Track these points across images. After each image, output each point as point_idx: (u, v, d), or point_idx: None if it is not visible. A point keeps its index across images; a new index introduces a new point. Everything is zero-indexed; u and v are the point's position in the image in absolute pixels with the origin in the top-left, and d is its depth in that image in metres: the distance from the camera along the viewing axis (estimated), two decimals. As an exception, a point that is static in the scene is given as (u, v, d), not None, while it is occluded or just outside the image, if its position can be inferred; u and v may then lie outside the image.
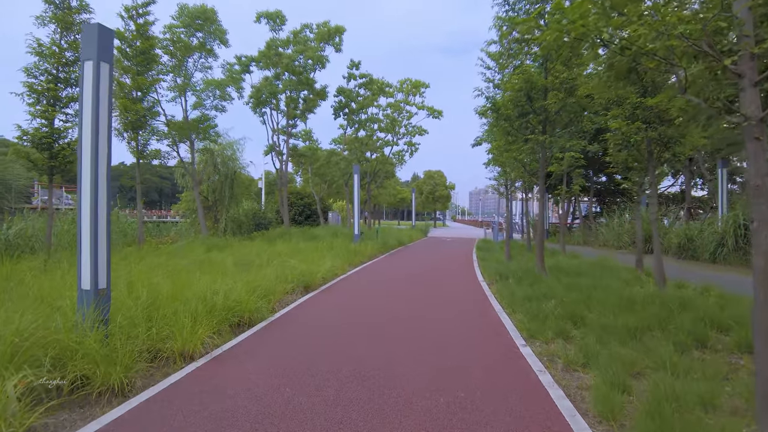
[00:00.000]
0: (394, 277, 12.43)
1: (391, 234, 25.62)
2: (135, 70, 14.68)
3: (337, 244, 17.50)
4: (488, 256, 16.75)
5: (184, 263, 11.17)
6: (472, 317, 7.62)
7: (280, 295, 8.86)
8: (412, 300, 9.06)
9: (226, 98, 18.48)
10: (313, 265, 11.72)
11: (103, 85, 5.26)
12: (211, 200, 23.74)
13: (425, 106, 25.48)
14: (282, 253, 14.11)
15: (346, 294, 9.80)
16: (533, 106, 10.47)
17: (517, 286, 9.52)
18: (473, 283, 11.49)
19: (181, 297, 6.58)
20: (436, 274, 13.28)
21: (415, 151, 27.34)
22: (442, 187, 63.59)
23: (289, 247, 16.23)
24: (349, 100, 24.70)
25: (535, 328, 6.41)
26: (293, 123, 23.85)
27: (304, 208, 30.20)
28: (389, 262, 16.75)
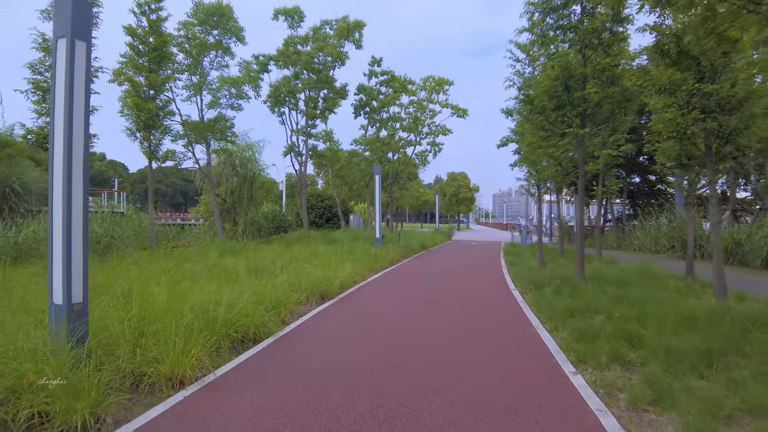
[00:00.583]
0: (416, 285, 11.53)
1: (413, 237, 24.71)
2: (147, 68, 14.14)
3: (357, 248, 16.70)
4: (518, 261, 15.70)
5: (193, 269, 10.51)
6: (507, 335, 6.66)
7: (293, 306, 8.05)
8: (436, 312, 8.15)
9: (243, 97, 17.88)
10: (330, 271, 10.91)
11: (79, 67, 4.53)
12: (229, 203, 23.20)
13: (449, 104, 24.51)
14: (299, 258, 13.39)
15: (365, 304, 8.94)
16: (571, 98, 9.45)
17: (556, 297, 8.51)
18: (505, 292, 10.51)
19: (177, 309, 5.81)
20: (463, 281, 12.33)
21: (438, 151, 26.43)
22: (466, 189, 62.26)
23: (307, 251, 15.47)
24: (369, 98, 23.89)
25: (585, 351, 5.43)
26: (313, 123, 23.19)
27: (325, 211, 29.50)
28: (412, 267, 15.84)
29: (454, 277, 12.98)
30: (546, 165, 13.34)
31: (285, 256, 13.83)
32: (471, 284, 11.72)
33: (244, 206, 22.93)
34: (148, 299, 6.28)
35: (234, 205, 23.33)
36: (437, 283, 11.77)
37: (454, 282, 12.10)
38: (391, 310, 8.30)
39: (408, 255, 19.42)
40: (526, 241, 24.15)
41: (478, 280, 12.44)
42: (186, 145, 17.10)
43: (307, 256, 13.98)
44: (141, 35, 14.04)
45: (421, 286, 11.35)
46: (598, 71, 9.16)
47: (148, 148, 14.11)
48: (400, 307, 8.58)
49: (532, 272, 12.27)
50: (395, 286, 11.28)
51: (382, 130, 24.87)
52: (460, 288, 11.07)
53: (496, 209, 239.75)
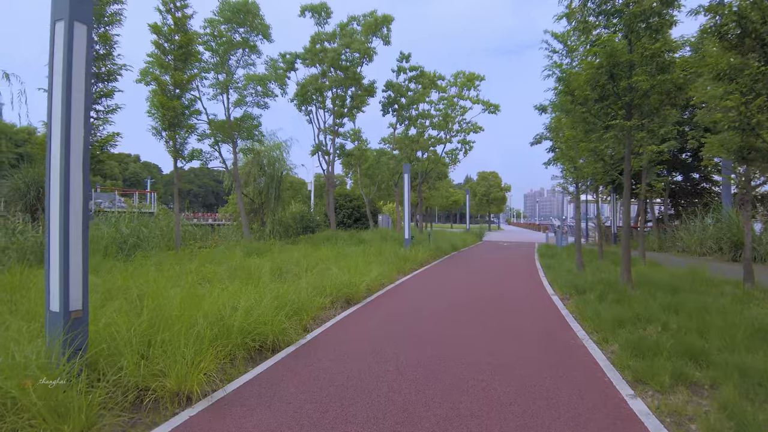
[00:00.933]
0: (447, 289, 10.92)
1: (443, 238, 24.05)
2: (173, 66, 13.96)
3: (385, 250, 16.18)
4: (555, 264, 14.88)
5: (215, 270, 10.17)
6: (551, 349, 6.00)
7: (316, 311, 7.58)
8: (470, 320, 7.54)
9: (269, 94, 17.59)
10: (356, 273, 10.41)
11: (79, 52, 4.14)
12: (257, 203, 23.05)
13: (480, 100, 23.68)
14: (325, 260, 12.97)
15: (392, 310, 8.39)
16: (616, 87, 8.69)
17: (601, 304, 7.78)
18: (543, 297, 9.79)
19: (190, 316, 5.40)
20: (497, 285, 11.65)
21: (469, 149, 25.58)
22: (497, 188, 60.98)
23: (334, 252, 15.05)
24: (398, 95, 23.27)
25: (642, 369, 4.75)
26: (340, 122, 22.78)
27: (353, 211, 29.12)
28: (442, 269, 15.23)
29: (487, 281, 12.31)
30: (585, 162, 12.53)
31: (311, 257, 13.44)
32: (506, 288, 11.03)
33: (271, 206, 22.75)
34: (162, 304, 5.91)
35: (261, 205, 23.18)
36: (469, 287, 11.13)
37: (488, 286, 11.44)
38: (420, 317, 7.73)
39: (438, 257, 18.80)
40: (561, 243, 23.16)
41: (513, 284, 11.74)
42: (212, 145, 16.93)
43: (333, 258, 13.55)
44: (166, 33, 13.86)
45: (452, 290, 10.74)
46: (646, 58, 8.38)
47: (173, 147, 13.92)
48: (430, 314, 8.01)
49: (571, 276, 11.49)
50: (424, 291, 10.69)
51: (411, 128, 24.25)
52: (495, 292, 10.42)
53: (528, 209, 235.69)
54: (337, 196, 30.11)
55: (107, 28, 11.20)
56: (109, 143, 11.24)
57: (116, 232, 14.36)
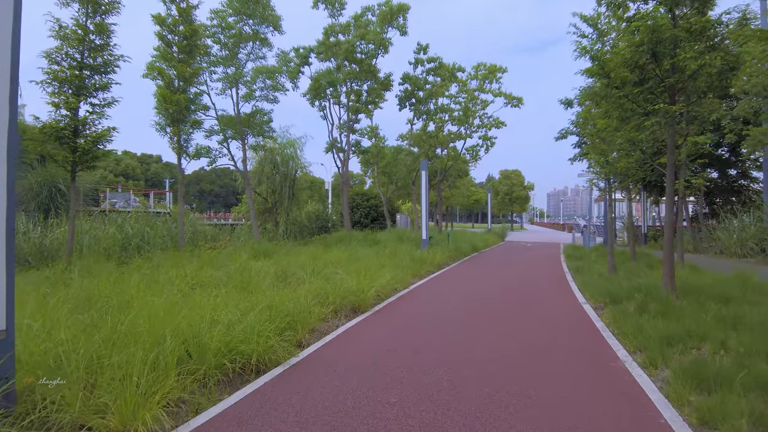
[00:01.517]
0: (466, 296, 9.96)
1: (464, 238, 23.01)
2: (177, 58, 13.30)
3: (401, 251, 15.28)
4: (584, 267, 13.74)
5: (214, 274, 9.41)
6: (587, 375, 5.02)
7: (315, 322, 6.72)
8: (489, 335, 6.59)
9: (279, 88, 16.83)
10: (366, 278, 9.54)
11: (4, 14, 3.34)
12: (270, 202, 22.37)
13: (502, 93, 22.49)
14: (336, 262, 12.14)
15: (402, 322, 7.48)
16: (659, 67, 7.62)
17: (643, 317, 6.73)
18: (574, 307, 8.74)
19: (157, 332, 4.60)
20: (522, 290, 10.63)
21: (491, 146, 24.40)
22: (520, 187, 59.36)
23: (346, 254, 14.20)
24: (415, 88, 22.26)
25: (709, 407, 3.74)
26: (356, 117, 21.91)
27: (370, 210, 28.27)
28: (462, 272, 14.24)
29: (510, 285, 11.30)
30: (618, 155, 11.41)
31: (321, 259, 12.63)
32: (532, 295, 10.01)
33: (285, 206, 22.04)
34: (137, 315, 5.14)
35: (275, 204, 22.50)
36: (491, 293, 10.14)
37: (511, 291, 10.43)
38: (431, 332, 6.79)
39: (457, 258, 17.80)
40: (589, 243, 21.89)
41: (539, 291, 10.71)
42: (221, 142, 16.27)
43: (344, 260, 12.72)
44: (170, 24, 13.21)
45: (472, 297, 9.77)
46: (694, 33, 7.30)
47: (177, 143, 13.26)
48: (443, 328, 7.06)
49: (603, 281, 10.40)
50: (440, 298, 9.74)
51: (430, 124, 23.19)
52: (519, 300, 9.42)
53: (551, 209, 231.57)
54: (354, 195, 29.33)
55: (103, 17, 10.53)
56: (105, 138, 10.58)
57: (118, 232, 13.78)
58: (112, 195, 27.89)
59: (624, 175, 11.98)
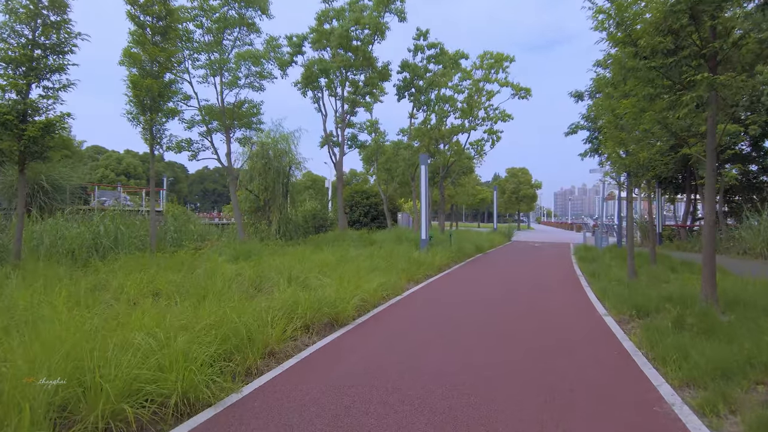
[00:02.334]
0: (466, 305, 8.64)
1: (467, 238, 21.65)
2: (150, 40, 12.08)
3: (398, 252, 13.99)
4: (599, 270, 12.35)
5: (175, 280, 8.18)
6: (627, 424, 3.70)
7: (275, 344, 5.43)
8: (493, 361, 5.28)
9: (266, 76, 15.55)
10: (351, 284, 8.28)
11: None
12: (262, 200, 21.13)
13: (509, 83, 21.02)
14: (323, 265, 10.93)
15: (384, 339, 6.18)
16: (700, 32, 6.28)
17: (683, 336, 5.41)
18: (593, 320, 7.39)
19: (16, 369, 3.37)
20: (531, 299, 9.30)
21: (497, 140, 22.90)
22: (527, 185, 57.77)
23: (337, 255, 12.95)
24: (415, 76, 20.81)
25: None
26: (351, 110, 20.57)
27: (370, 209, 26.99)
28: (463, 276, 12.93)
29: (517, 294, 9.97)
30: (640, 145, 10.05)
31: (307, 261, 11.40)
32: (543, 306, 8.68)
33: (278, 203, 20.78)
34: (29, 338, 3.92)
35: (268, 202, 21.27)
36: (494, 303, 8.82)
37: (518, 301, 9.11)
38: (420, 355, 5.48)
39: (460, 260, 16.48)
40: (602, 244, 20.48)
41: (551, 299, 9.37)
42: (204, 134, 15.04)
43: (333, 263, 11.47)
44: (143, 4, 11.99)
45: (472, 308, 8.45)
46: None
47: (149, 134, 12.04)
48: (437, 349, 5.75)
49: (625, 288, 9.04)
50: (435, 307, 8.43)
51: (432, 117, 21.73)
52: (528, 311, 8.09)
53: (558, 208, 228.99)
54: (353, 193, 28.10)
55: (61, -8, 9.34)
56: (59, 125, 9.36)
57: (87, 232, 12.59)
58: (101, 193, 26.82)
59: (646, 167, 10.61)
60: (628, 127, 9.87)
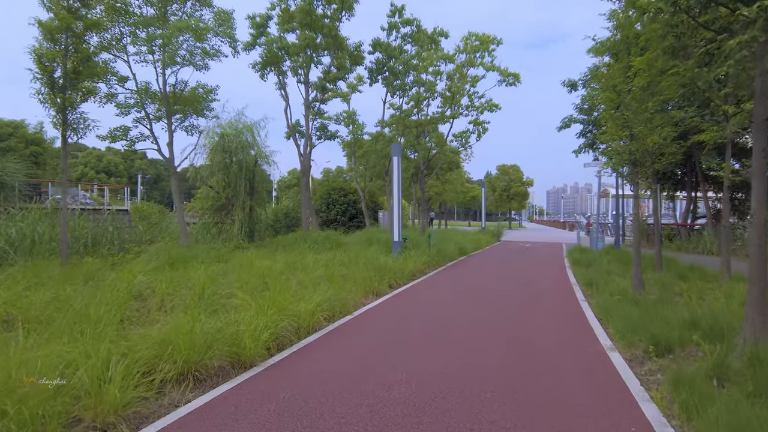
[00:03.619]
0: (427, 335, 6.69)
1: (450, 239, 19.71)
2: (62, 5, 10.07)
3: (366, 257, 12.04)
4: (597, 279, 10.39)
5: (43, 299, 6.21)
6: None
7: (110, 412, 3.47)
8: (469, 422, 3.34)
9: (210, 54, 13.47)
10: (281, 303, 6.33)
11: None
12: (223, 197, 19.10)
13: (495, 67, 18.95)
14: (265, 275, 9.02)
15: (305, 390, 4.22)
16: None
17: (734, 399, 3.50)
18: (596, 362, 5.40)
19: None
20: (511, 322, 7.37)
21: (484, 131, 20.89)
22: (518, 183, 55.92)
23: (290, 260, 11.04)
24: (388, 57, 18.70)
25: None
26: (323, 98, 18.50)
27: (349, 207, 24.99)
28: (436, 286, 11.02)
29: (496, 310, 8.05)
30: (649, 127, 8.15)
31: (248, 270, 9.48)
32: (527, 330, 6.75)
33: (240, 201, 18.75)
34: None
35: (230, 199, 19.24)
36: (465, 326, 6.89)
37: (497, 322, 7.19)
38: (354, 419, 3.53)
39: (438, 264, 14.55)
40: (597, 245, 18.63)
41: (538, 319, 7.46)
42: (140, 121, 13.00)
43: (280, 270, 9.60)
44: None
45: (438, 333, 6.51)
46: None
47: (61, 117, 10.02)
48: (376, 406, 3.80)
49: (632, 306, 7.12)
50: (388, 335, 6.48)
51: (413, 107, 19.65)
52: (507, 342, 6.17)
53: (551, 206, 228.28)
54: (330, 190, 26.14)
55: None
56: None
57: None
58: (55, 190, 24.66)
59: (654, 154, 8.71)
60: (634, 106, 7.97)
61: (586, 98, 23.11)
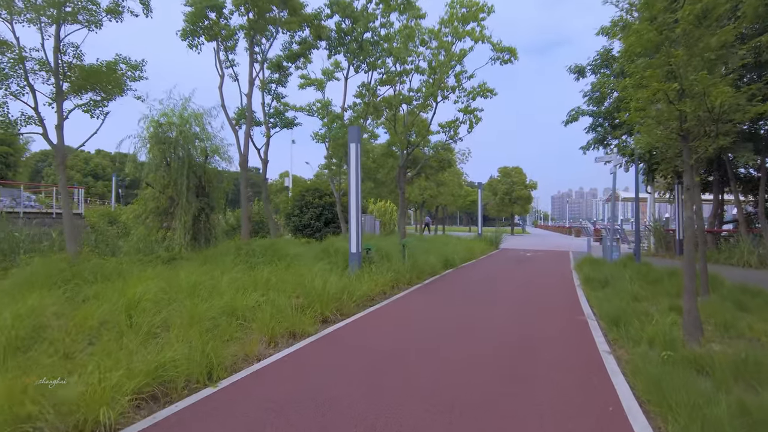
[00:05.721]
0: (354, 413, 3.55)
1: (437, 248, 16.55)
2: None
3: (310, 275, 8.88)
4: (623, 314, 7.14)
5: None
6: None
7: None
8: None
9: (114, 10, 10.36)
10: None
11: None
12: (163, 199, 16.06)
13: (485, 37, 15.53)
14: (143, 303, 6.03)
15: None
16: None
17: None
18: None
19: None
20: (495, 415, 4.25)
21: (477, 121, 17.62)
22: (521, 186, 52.45)
23: (196, 281, 7.95)
24: (347, 19, 15.26)
25: None
26: (280, 79, 15.36)
27: (324, 210, 21.84)
28: (392, 321, 7.84)
29: (468, 384, 4.92)
30: (716, 73, 5.02)
31: (128, 295, 6.50)
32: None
33: (183, 203, 15.67)
34: None
35: (174, 201, 16.17)
36: (423, 414, 3.77)
37: (465, 422, 4.06)
38: None
39: (410, 282, 11.40)
40: (612, 255, 15.42)
41: (534, 419, 4.32)
42: (16, 95, 9.94)
43: (166, 298, 6.57)
44: None
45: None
46: None
47: None
48: None
49: (699, 378, 3.99)
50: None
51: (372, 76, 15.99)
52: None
53: (555, 211, 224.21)
54: (304, 191, 23.05)
55: None
56: None
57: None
58: (7, 192, 21.66)
59: (719, 120, 5.55)
60: (693, 38, 4.85)
61: (596, 85, 20.09)
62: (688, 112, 5.11)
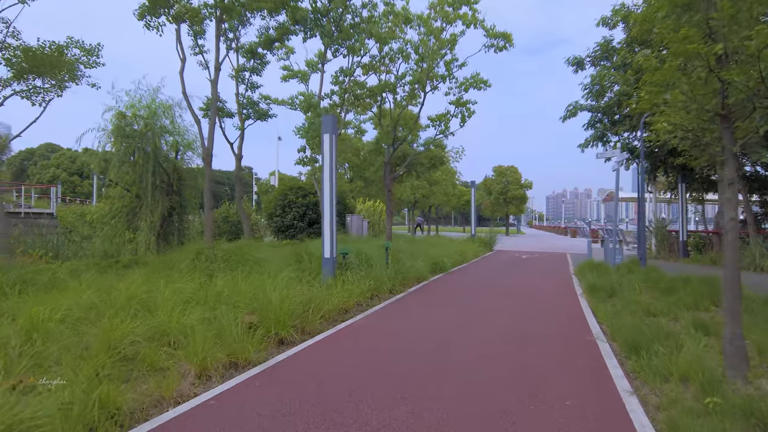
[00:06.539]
0: None
1: (428, 250, 15.34)
2: None
3: (272, 285, 7.61)
4: (641, 334, 6.00)
5: None
6: None
7: None
8: None
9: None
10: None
11: None
12: (128, 197, 14.82)
13: (478, 20, 14.24)
14: (49, 323, 4.74)
15: None
16: None
17: None
18: None
19: None
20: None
21: (469, 114, 16.44)
22: (516, 185, 51.34)
23: (132, 294, 6.69)
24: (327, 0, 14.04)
25: None
26: (256, 66, 14.09)
27: (308, 210, 20.60)
28: (362, 343, 6.60)
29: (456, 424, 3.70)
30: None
31: (33, 314, 5.22)
32: None
33: (148, 203, 14.42)
34: None
35: (138, 199, 14.91)
36: None
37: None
38: None
39: (394, 291, 10.18)
40: (615, 260, 14.23)
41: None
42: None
43: (95, 313, 5.32)
44: None
45: None
46: None
47: None
48: None
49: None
50: None
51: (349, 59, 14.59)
52: None
53: (550, 212, 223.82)
54: (287, 190, 21.77)
55: None
56: None
57: None
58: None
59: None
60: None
61: (596, 78, 18.98)
62: (737, 81, 3.90)
